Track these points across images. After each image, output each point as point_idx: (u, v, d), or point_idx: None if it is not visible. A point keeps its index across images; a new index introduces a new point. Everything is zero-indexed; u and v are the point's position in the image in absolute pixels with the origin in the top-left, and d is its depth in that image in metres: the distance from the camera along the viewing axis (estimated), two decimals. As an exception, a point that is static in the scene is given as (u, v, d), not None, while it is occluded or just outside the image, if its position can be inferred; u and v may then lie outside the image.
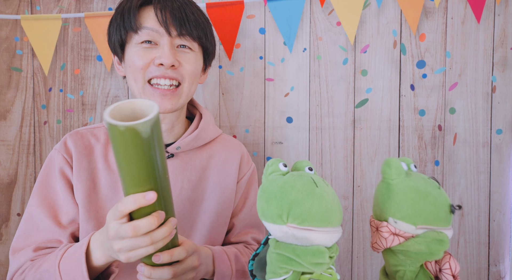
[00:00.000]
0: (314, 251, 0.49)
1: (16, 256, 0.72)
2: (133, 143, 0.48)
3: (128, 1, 0.75)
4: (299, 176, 0.53)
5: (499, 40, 1.04)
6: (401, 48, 1.05)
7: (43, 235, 0.72)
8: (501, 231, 1.06)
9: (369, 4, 1.05)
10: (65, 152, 0.76)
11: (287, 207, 0.50)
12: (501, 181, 1.06)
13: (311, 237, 0.50)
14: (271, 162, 0.56)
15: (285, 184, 0.52)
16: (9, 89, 1.07)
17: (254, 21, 1.07)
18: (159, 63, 0.71)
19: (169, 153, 0.79)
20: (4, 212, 1.08)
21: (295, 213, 0.50)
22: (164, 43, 0.72)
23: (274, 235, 0.53)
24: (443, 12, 1.04)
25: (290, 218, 0.50)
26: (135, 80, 0.74)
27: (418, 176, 0.55)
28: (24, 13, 1.06)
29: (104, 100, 1.09)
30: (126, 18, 0.73)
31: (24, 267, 0.69)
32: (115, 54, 0.79)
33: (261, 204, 0.53)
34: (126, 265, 0.72)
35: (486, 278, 1.07)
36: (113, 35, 0.76)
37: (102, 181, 0.76)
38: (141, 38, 0.73)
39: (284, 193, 0.51)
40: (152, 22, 0.72)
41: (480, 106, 1.05)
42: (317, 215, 0.50)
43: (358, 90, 1.06)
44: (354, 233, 1.08)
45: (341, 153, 1.07)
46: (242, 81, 1.08)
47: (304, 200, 0.50)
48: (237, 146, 0.89)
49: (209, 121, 0.85)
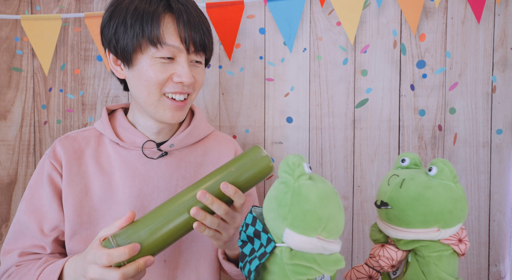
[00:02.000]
0: (335, 260, 0.50)
1: (5, 258, 0.74)
2: None
3: (146, 3, 0.69)
4: (326, 184, 0.52)
5: (499, 40, 1.04)
6: (401, 48, 1.05)
7: (28, 241, 0.74)
8: (501, 231, 1.06)
9: (369, 4, 1.05)
10: (53, 158, 0.76)
11: (326, 221, 0.48)
12: (501, 181, 1.06)
13: (334, 248, 0.51)
14: (296, 162, 0.51)
15: (323, 195, 0.49)
16: (9, 89, 1.07)
17: (254, 21, 1.07)
18: (179, 81, 0.71)
19: (162, 151, 0.78)
20: (4, 212, 1.08)
21: (330, 227, 0.49)
22: (182, 60, 0.71)
23: (296, 246, 0.50)
24: (443, 12, 1.04)
25: (324, 231, 0.49)
26: (149, 93, 0.71)
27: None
28: (24, 13, 1.06)
29: (104, 100, 1.09)
30: (146, 27, 0.68)
31: (10, 271, 0.71)
32: (120, 58, 0.73)
33: (295, 213, 0.48)
34: None
35: (486, 278, 1.07)
36: (124, 40, 0.70)
37: (95, 184, 0.76)
38: (161, 54, 0.69)
39: (323, 206, 0.48)
40: (174, 38, 0.69)
41: (480, 106, 1.05)
42: (341, 228, 0.51)
43: (358, 90, 1.06)
44: (354, 233, 1.08)
45: (341, 153, 1.07)
46: (242, 81, 1.08)
47: (337, 215, 0.51)
48: (230, 142, 0.89)
49: (201, 118, 0.86)
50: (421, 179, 0.56)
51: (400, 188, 0.57)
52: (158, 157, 0.78)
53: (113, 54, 0.74)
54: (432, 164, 0.57)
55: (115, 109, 0.85)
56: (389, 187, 0.58)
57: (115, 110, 0.85)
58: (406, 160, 0.62)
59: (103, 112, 0.81)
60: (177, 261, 0.77)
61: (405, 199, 0.55)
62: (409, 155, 0.63)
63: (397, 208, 0.56)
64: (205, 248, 0.79)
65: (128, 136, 0.78)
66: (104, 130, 0.79)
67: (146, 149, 0.78)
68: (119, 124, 0.80)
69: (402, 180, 0.57)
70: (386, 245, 0.60)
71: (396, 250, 0.59)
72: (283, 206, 0.49)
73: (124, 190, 0.75)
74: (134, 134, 0.78)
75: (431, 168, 0.57)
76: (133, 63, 0.71)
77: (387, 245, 0.60)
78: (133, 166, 0.77)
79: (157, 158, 0.78)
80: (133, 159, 0.77)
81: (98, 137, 0.80)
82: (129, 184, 0.75)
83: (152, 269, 0.75)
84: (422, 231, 0.55)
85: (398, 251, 0.59)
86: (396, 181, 0.58)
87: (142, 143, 0.77)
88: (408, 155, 0.63)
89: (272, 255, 0.52)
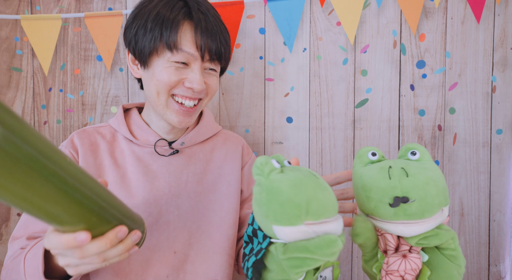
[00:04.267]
0: (327, 241, 0.47)
1: (12, 244, 0.73)
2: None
3: (167, 9, 0.72)
4: (299, 170, 0.51)
5: (499, 40, 1.04)
6: (401, 48, 1.05)
7: (40, 227, 0.74)
8: (501, 231, 1.06)
9: (369, 4, 1.05)
10: (71, 147, 0.79)
11: (305, 205, 0.47)
12: (501, 181, 1.06)
13: (329, 228, 0.48)
14: (263, 161, 0.51)
15: (295, 182, 0.49)
16: (9, 89, 1.07)
17: (254, 21, 1.07)
18: (190, 87, 0.73)
19: (174, 149, 0.82)
20: (4, 212, 1.08)
21: (314, 209, 0.47)
22: (196, 67, 0.74)
23: (289, 238, 0.49)
24: (443, 12, 1.04)
25: (309, 215, 0.48)
26: (158, 93, 0.75)
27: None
28: (24, 13, 1.06)
29: (104, 100, 1.09)
30: (165, 32, 0.71)
31: (15, 255, 0.71)
32: (138, 58, 0.76)
33: (274, 208, 0.48)
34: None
35: (486, 278, 1.07)
36: (143, 42, 0.73)
37: (109, 176, 0.78)
38: (176, 58, 0.72)
39: (298, 192, 0.48)
40: (190, 45, 0.72)
41: (480, 106, 1.05)
42: (329, 206, 0.49)
43: (358, 90, 1.06)
44: (354, 233, 1.08)
45: (341, 153, 1.07)
46: (242, 81, 1.08)
47: (318, 194, 0.48)
48: (237, 139, 0.93)
49: (210, 117, 0.90)
50: (414, 164, 0.55)
51: (407, 177, 0.52)
52: (170, 154, 0.81)
53: (132, 54, 0.78)
54: (411, 148, 0.57)
55: (130, 107, 0.88)
56: (395, 180, 0.53)
57: (130, 108, 0.88)
58: (376, 153, 0.59)
59: (119, 110, 0.85)
60: (187, 253, 0.78)
61: (420, 186, 0.52)
62: (373, 149, 0.59)
63: (418, 197, 0.51)
64: (216, 241, 0.80)
65: (141, 134, 0.82)
66: (118, 127, 0.82)
67: (158, 147, 0.81)
68: (133, 122, 0.83)
69: (401, 169, 0.54)
70: (408, 255, 0.54)
71: (419, 256, 0.54)
72: (262, 206, 0.49)
73: (138, 185, 0.78)
74: (147, 133, 0.81)
75: (414, 152, 0.56)
76: (148, 65, 0.75)
77: (410, 254, 0.54)
78: (146, 162, 0.80)
79: (168, 155, 0.81)
80: (146, 155, 0.81)
81: (112, 133, 0.83)
82: (142, 178, 0.78)
83: (162, 261, 0.76)
84: (436, 216, 0.53)
85: (420, 257, 0.54)
86: (398, 172, 0.53)
87: (155, 141, 0.81)
88: (372, 148, 0.59)
89: (269, 253, 0.52)
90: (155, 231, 0.77)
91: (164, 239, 0.77)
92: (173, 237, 0.77)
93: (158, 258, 0.76)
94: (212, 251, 0.80)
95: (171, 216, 0.78)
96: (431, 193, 0.52)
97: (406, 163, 0.55)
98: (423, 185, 0.52)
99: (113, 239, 0.50)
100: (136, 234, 0.53)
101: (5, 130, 0.34)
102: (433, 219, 0.53)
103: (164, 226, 0.77)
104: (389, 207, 0.52)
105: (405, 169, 0.53)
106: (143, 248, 0.76)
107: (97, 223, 0.48)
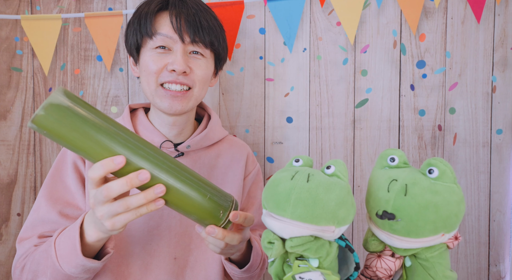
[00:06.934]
0: (266, 232, 0.53)
1: (21, 244, 0.73)
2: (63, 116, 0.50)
3: (146, 6, 0.77)
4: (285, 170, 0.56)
5: (499, 40, 1.04)
6: (401, 48, 1.05)
7: (48, 227, 0.74)
8: (501, 231, 1.06)
9: (369, 4, 1.05)
10: None
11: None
12: (501, 181, 1.06)
13: (267, 221, 0.53)
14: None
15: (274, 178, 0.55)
16: (9, 89, 1.07)
17: (254, 21, 1.07)
18: (172, 69, 0.74)
19: (179, 152, 0.81)
20: (4, 212, 1.08)
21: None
22: (177, 50, 0.75)
23: (272, 229, 0.54)
24: (443, 12, 1.04)
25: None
26: (148, 83, 0.76)
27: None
28: (24, 13, 1.06)
29: (104, 100, 1.09)
30: (142, 23, 0.76)
31: (28, 252, 0.71)
32: (131, 56, 0.82)
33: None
34: (120, 247, 0.75)
35: (486, 278, 1.07)
36: (130, 38, 0.79)
37: None
38: (156, 44, 0.75)
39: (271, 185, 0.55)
40: (167, 29, 0.74)
41: (480, 106, 1.05)
42: (271, 201, 0.52)
43: (358, 90, 1.06)
44: (354, 233, 1.08)
45: (341, 153, 1.07)
46: (242, 81, 1.08)
47: (275, 186, 0.53)
48: (242, 146, 0.92)
49: (217, 122, 0.89)
50: (425, 183, 0.51)
51: (405, 195, 0.51)
52: (175, 157, 0.81)
53: (129, 54, 0.83)
54: (431, 165, 0.53)
55: (136, 108, 0.88)
56: (391, 195, 0.52)
57: (136, 109, 0.88)
58: (395, 159, 0.57)
59: (126, 110, 0.85)
60: (186, 259, 0.78)
61: (414, 209, 0.50)
62: (396, 153, 0.57)
63: (406, 218, 0.51)
64: None
65: (147, 134, 0.81)
66: None
67: (163, 148, 0.81)
68: (139, 122, 0.83)
69: (404, 185, 0.52)
70: (383, 256, 0.57)
71: (394, 260, 0.56)
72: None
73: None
74: (153, 133, 0.81)
75: (431, 170, 0.53)
76: (139, 59, 0.79)
77: (384, 256, 0.57)
78: None
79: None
80: None
81: None
82: None
83: (162, 266, 0.76)
84: (430, 239, 0.52)
85: (396, 261, 0.56)
86: (398, 187, 0.52)
87: (160, 143, 0.80)
88: (396, 152, 0.57)
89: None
90: (156, 236, 0.76)
91: (165, 244, 0.77)
92: (174, 243, 0.77)
93: (158, 263, 0.75)
94: (212, 258, 0.79)
95: (172, 221, 0.78)
96: (426, 218, 0.50)
97: (416, 180, 0.52)
98: (420, 208, 0.50)
99: (133, 178, 0.52)
100: (159, 187, 0.53)
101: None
102: (422, 241, 0.52)
103: (165, 231, 0.77)
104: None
105: (409, 186, 0.52)
106: (143, 253, 0.76)
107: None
